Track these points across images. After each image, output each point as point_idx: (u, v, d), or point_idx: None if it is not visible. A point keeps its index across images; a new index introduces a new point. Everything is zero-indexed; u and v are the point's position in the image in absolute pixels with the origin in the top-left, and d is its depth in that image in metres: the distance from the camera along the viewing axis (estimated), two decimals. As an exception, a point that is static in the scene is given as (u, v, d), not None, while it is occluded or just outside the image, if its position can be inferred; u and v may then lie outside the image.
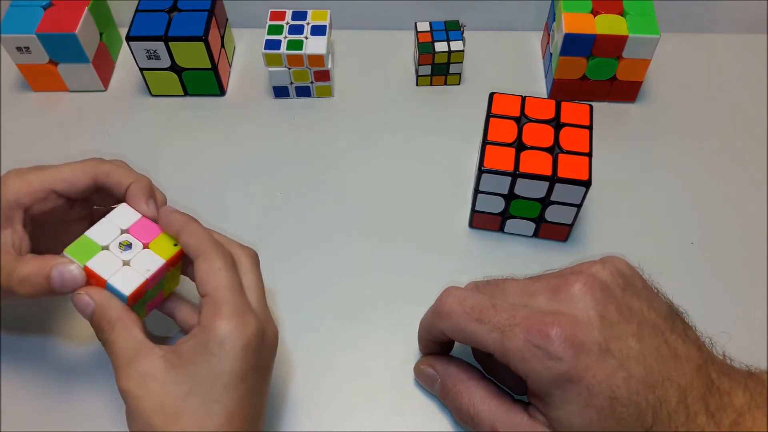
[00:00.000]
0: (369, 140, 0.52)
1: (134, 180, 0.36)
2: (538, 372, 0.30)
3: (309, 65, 0.51)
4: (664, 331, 0.31)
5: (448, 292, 0.34)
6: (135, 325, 0.32)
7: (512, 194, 0.42)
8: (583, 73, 0.51)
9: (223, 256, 0.33)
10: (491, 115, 0.43)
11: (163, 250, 0.35)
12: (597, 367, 0.29)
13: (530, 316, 0.31)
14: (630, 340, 0.30)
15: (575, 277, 0.32)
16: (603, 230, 0.46)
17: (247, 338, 0.31)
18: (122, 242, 0.34)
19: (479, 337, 0.32)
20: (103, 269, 0.33)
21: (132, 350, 0.31)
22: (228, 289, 0.32)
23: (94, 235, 0.34)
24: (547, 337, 0.30)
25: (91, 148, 0.51)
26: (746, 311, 0.42)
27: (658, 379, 0.29)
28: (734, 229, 0.46)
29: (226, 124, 0.53)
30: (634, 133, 0.52)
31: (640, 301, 0.32)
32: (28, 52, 0.51)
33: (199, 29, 0.49)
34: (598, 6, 0.50)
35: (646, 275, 0.34)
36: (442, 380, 0.36)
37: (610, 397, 0.29)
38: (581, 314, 0.30)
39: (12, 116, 0.53)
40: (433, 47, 0.52)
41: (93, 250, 0.34)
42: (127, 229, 0.35)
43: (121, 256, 0.34)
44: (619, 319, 0.30)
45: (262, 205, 0.48)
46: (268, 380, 0.34)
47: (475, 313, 0.32)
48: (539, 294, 0.32)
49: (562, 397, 0.30)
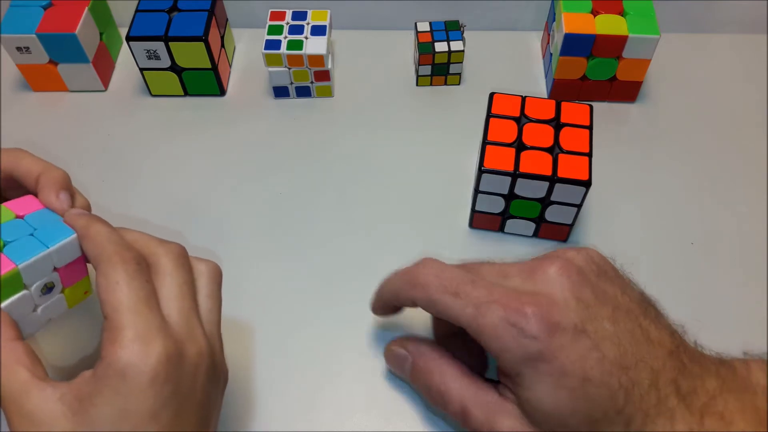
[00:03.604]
0: (369, 140, 0.52)
1: (45, 169, 0.32)
2: (511, 350, 0.30)
3: (309, 65, 0.51)
4: (638, 316, 0.31)
5: (425, 263, 0.34)
6: (18, 362, 0.27)
7: (512, 194, 0.42)
8: (583, 73, 0.51)
9: (124, 264, 0.28)
10: (491, 115, 0.43)
11: (74, 296, 0.31)
12: (571, 347, 0.29)
13: (508, 293, 0.31)
14: (605, 323, 0.30)
15: (551, 260, 0.32)
16: (603, 230, 0.46)
17: (152, 368, 0.26)
18: (47, 284, 0.30)
19: (453, 311, 0.31)
20: (14, 313, 0.29)
21: (18, 393, 0.27)
22: (127, 308, 0.27)
23: (27, 271, 0.29)
24: (523, 315, 0.29)
25: (91, 148, 0.51)
26: (746, 311, 0.42)
27: (632, 361, 0.29)
28: (734, 229, 0.46)
29: (226, 124, 0.53)
30: (634, 133, 0.52)
31: (614, 286, 0.32)
32: (28, 52, 0.51)
33: (199, 29, 0.49)
34: (598, 6, 0.50)
35: (618, 265, 0.34)
36: (413, 360, 0.36)
37: (582, 378, 0.29)
38: (558, 295, 0.30)
39: (12, 116, 0.53)
40: (433, 47, 0.52)
41: (16, 288, 0.29)
42: (59, 268, 0.30)
43: (36, 300, 0.30)
44: (594, 301, 0.30)
45: (262, 205, 0.48)
46: (198, 410, 0.29)
47: (452, 287, 0.32)
48: (515, 276, 0.32)
49: (534, 377, 0.29)
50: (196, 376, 0.29)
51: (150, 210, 0.47)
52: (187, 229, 0.46)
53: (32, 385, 0.27)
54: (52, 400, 0.27)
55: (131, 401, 0.26)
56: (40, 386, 0.27)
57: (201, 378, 0.29)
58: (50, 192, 0.31)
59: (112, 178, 0.49)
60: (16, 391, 0.27)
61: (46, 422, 0.26)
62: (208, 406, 0.30)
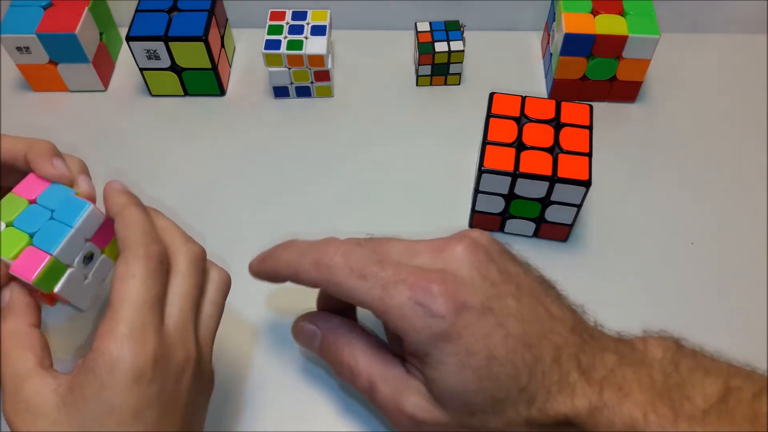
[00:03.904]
0: (369, 140, 0.52)
1: (29, 144, 0.32)
2: (417, 330, 0.30)
3: (309, 65, 0.51)
4: (540, 294, 0.31)
5: (330, 242, 0.33)
6: (30, 348, 0.28)
7: (512, 194, 0.42)
8: (583, 73, 0.51)
9: (146, 258, 0.29)
10: (491, 115, 0.43)
11: (115, 250, 0.32)
12: (476, 325, 0.29)
13: (415, 272, 0.31)
14: (509, 300, 0.30)
15: (459, 239, 0.32)
16: (603, 230, 0.46)
17: (139, 366, 0.27)
18: (86, 255, 0.31)
19: (359, 293, 0.31)
20: (69, 291, 0.30)
21: (19, 378, 0.27)
22: (133, 302, 0.28)
23: (62, 255, 0.30)
24: (430, 293, 0.29)
25: (91, 148, 0.51)
26: (747, 311, 0.42)
27: (535, 338, 0.30)
28: (734, 229, 0.46)
29: (226, 124, 0.53)
30: (634, 133, 0.52)
31: (516, 266, 0.32)
32: (28, 52, 0.51)
33: (199, 29, 0.49)
34: (598, 6, 0.50)
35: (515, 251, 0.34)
36: (323, 335, 0.35)
37: (487, 356, 0.29)
38: (464, 273, 0.30)
39: (12, 116, 0.53)
40: (433, 47, 0.52)
41: (60, 272, 0.30)
42: (91, 237, 0.31)
43: (83, 271, 0.31)
44: (499, 279, 0.31)
45: (261, 205, 0.48)
46: (183, 413, 0.29)
47: (358, 269, 0.31)
48: (423, 253, 0.32)
49: (439, 357, 0.29)
50: (182, 379, 0.29)
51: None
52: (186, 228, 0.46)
53: (35, 372, 0.28)
54: (49, 390, 0.27)
55: (117, 396, 0.26)
56: (41, 374, 0.28)
57: (186, 382, 0.29)
58: (43, 162, 0.31)
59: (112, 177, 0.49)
60: (19, 375, 0.28)
61: (38, 410, 0.27)
62: (192, 409, 0.30)
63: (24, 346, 0.28)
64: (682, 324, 0.33)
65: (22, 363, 0.28)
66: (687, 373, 0.29)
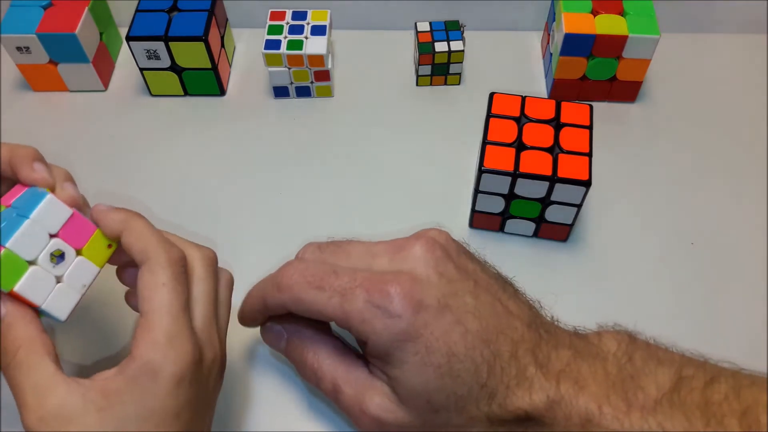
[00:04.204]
0: (369, 140, 0.52)
1: (12, 150, 0.31)
2: (377, 332, 0.30)
3: (309, 65, 0.51)
4: (497, 291, 0.32)
5: (288, 264, 0.33)
6: (47, 353, 0.28)
7: (512, 194, 0.42)
8: (583, 73, 0.51)
9: (171, 265, 0.29)
10: (491, 115, 0.43)
11: (97, 253, 0.30)
12: (435, 323, 0.30)
13: (371, 276, 0.31)
14: (467, 297, 0.31)
15: (416, 238, 0.32)
16: (603, 230, 0.46)
17: (180, 371, 0.28)
18: (53, 253, 0.29)
19: (319, 305, 0.31)
20: (35, 293, 0.28)
21: (42, 386, 0.27)
22: (168, 311, 0.28)
23: (18, 247, 0.28)
24: (386, 295, 0.30)
25: (91, 148, 0.51)
26: (747, 311, 0.42)
27: (493, 334, 0.30)
28: (734, 229, 0.46)
29: (226, 124, 0.53)
30: (634, 133, 0.52)
31: (473, 263, 0.33)
32: (28, 52, 0.51)
33: (199, 29, 0.49)
34: (598, 6, 0.50)
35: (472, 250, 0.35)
36: (288, 337, 0.36)
37: (447, 354, 0.29)
38: (421, 272, 0.31)
39: (12, 116, 0.53)
40: (433, 47, 0.52)
41: (18, 268, 0.28)
42: (57, 233, 0.29)
43: (53, 272, 0.29)
44: (457, 276, 0.31)
45: (261, 205, 0.48)
46: (210, 410, 0.31)
47: (315, 281, 0.32)
48: (382, 255, 0.32)
49: (401, 357, 0.30)
50: (209, 378, 0.31)
51: (149, 209, 0.47)
52: (186, 228, 0.46)
53: (58, 379, 0.27)
54: (77, 395, 0.27)
55: (158, 401, 0.27)
56: (65, 381, 0.27)
57: (212, 380, 0.31)
58: (23, 167, 0.31)
59: (112, 177, 0.49)
60: (41, 384, 0.27)
61: (72, 418, 0.26)
62: (214, 405, 0.32)
63: (41, 352, 0.28)
64: (682, 324, 0.33)
65: (42, 370, 0.27)
66: (641, 363, 0.30)
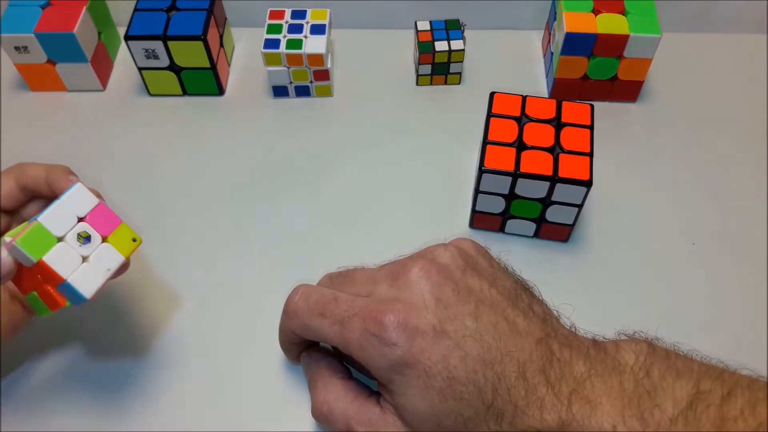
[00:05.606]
0: (369, 140, 0.51)
1: (50, 169, 0.35)
2: (376, 360, 0.30)
3: (308, 64, 0.51)
4: (505, 308, 0.31)
5: (296, 290, 0.34)
6: None
7: (513, 194, 0.42)
8: (584, 72, 0.51)
9: None
10: (492, 114, 0.43)
11: (123, 244, 0.32)
12: (432, 349, 0.29)
13: (367, 305, 0.31)
14: (466, 320, 0.30)
15: (413, 262, 0.32)
16: (604, 230, 0.46)
17: None
18: (81, 234, 0.31)
19: (323, 332, 0.32)
20: (62, 265, 0.30)
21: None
22: None
23: (49, 223, 0.30)
24: (381, 324, 0.30)
25: (90, 148, 0.51)
26: (747, 311, 0.42)
27: (497, 356, 0.29)
28: (735, 229, 0.46)
29: (225, 124, 0.53)
30: (635, 133, 0.52)
31: (480, 280, 0.32)
32: (26, 51, 0.51)
33: (198, 28, 0.49)
34: (600, 5, 0.50)
35: (494, 254, 0.34)
36: (306, 374, 0.36)
37: (447, 377, 0.29)
38: (417, 298, 0.31)
39: (10, 116, 0.53)
40: (433, 46, 0.52)
41: (47, 241, 0.30)
42: (84, 217, 0.31)
43: (80, 251, 0.30)
44: (455, 300, 0.31)
45: (261, 205, 0.48)
46: None
47: (318, 308, 0.32)
48: (382, 281, 0.33)
49: (403, 382, 0.30)
50: None
51: (149, 210, 0.47)
52: (186, 228, 0.46)
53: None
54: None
55: None
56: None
57: None
58: (60, 181, 0.35)
59: (111, 177, 0.49)
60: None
61: None
62: None
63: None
64: (682, 324, 0.33)
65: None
66: (658, 378, 0.29)
